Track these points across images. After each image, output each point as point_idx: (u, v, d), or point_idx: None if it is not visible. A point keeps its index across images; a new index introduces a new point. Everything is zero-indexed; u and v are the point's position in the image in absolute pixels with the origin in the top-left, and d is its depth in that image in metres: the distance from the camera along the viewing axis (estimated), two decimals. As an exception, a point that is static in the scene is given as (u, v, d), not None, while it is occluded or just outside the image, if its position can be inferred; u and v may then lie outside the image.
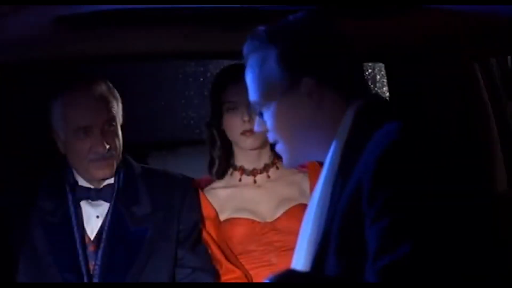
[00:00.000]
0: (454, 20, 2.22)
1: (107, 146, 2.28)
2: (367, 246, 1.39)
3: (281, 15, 1.70)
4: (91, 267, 2.30)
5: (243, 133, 2.44)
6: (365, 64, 3.30)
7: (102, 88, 2.33)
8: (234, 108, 2.46)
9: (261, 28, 1.68)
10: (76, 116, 2.28)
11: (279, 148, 1.71)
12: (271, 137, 1.71)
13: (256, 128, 1.75)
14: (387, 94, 3.03)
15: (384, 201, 1.38)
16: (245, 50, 1.70)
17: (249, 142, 2.46)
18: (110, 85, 2.36)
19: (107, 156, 2.30)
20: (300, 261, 1.58)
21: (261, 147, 2.50)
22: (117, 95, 2.37)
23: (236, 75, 2.47)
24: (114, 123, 2.32)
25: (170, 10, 2.13)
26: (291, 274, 1.45)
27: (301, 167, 2.54)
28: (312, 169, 2.49)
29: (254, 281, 2.42)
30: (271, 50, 1.64)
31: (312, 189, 2.48)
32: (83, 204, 2.35)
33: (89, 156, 2.29)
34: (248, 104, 2.44)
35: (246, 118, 2.43)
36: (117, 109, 2.35)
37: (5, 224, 2.33)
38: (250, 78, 1.70)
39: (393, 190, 1.38)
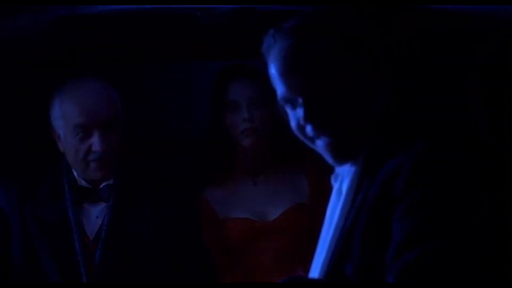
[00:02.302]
0: (454, 20, 2.22)
1: (106, 147, 2.28)
2: (392, 236, 1.41)
3: (281, 15, 1.69)
4: (90, 267, 2.30)
5: (243, 131, 2.45)
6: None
7: (102, 88, 2.33)
8: (234, 107, 2.46)
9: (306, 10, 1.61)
10: (75, 113, 2.28)
11: (322, 143, 1.55)
12: (312, 131, 1.54)
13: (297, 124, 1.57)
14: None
15: (416, 199, 1.40)
16: (269, 39, 1.56)
17: (248, 140, 2.46)
18: (110, 85, 2.36)
19: (105, 157, 2.29)
20: (319, 260, 1.57)
21: (260, 146, 2.50)
22: (117, 95, 2.36)
23: (237, 74, 2.48)
24: (113, 124, 2.31)
25: (170, 10, 2.13)
26: (298, 279, 1.45)
27: (300, 167, 2.55)
28: (311, 169, 2.49)
29: (253, 281, 2.42)
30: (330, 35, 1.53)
31: (311, 188, 2.49)
32: (83, 204, 2.35)
33: (88, 156, 2.29)
34: (248, 103, 2.45)
35: (246, 116, 2.43)
36: (117, 109, 2.34)
37: (5, 224, 2.33)
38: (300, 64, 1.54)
39: (426, 190, 1.40)
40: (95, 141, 2.27)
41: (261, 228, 2.45)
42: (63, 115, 2.30)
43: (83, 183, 2.36)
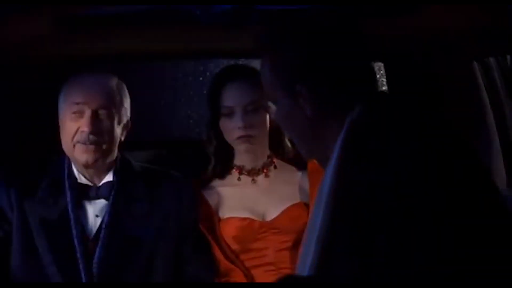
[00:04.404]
0: (454, 19, 2.22)
1: (94, 130, 2.28)
2: (376, 239, 1.42)
3: (280, 15, 1.70)
4: (90, 266, 2.30)
5: (239, 138, 2.43)
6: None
7: (110, 79, 2.36)
8: (229, 113, 2.44)
9: (259, 31, 1.67)
10: (73, 93, 2.31)
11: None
12: None
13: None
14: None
15: (392, 206, 1.43)
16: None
17: (244, 146, 2.45)
18: (121, 82, 2.38)
19: (91, 141, 2.29)
20: (307, 257, 1.58)
21: (258, 148, 2.49)
22: (126, 93, 2.38)
23: (231, 79, 2.45)
24: (110, 112, 2.31)
25: (169, 9, 2.13)
26: (291, 279, 1.46)
27: (301, 165, 2.54)
28: (311, 168, 2.49)
29: (254, 280, 2.42)
30: (265, 55, 1.65)
31: (311, 187, 2.48)
32: (83, 202, 2.36)
33: (75, 137, 2.30)
34: (243, 109, 2.43)
35: (240, 125, 2.41)
36: (120, 103, 2.35)
37: (5, 224, 2.33)
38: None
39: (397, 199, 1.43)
40: (84, 122, 2.28)
41: (261, 228, 2.45)
42: (65, 96, 2.34)
43: (83, 180, 2.36)
